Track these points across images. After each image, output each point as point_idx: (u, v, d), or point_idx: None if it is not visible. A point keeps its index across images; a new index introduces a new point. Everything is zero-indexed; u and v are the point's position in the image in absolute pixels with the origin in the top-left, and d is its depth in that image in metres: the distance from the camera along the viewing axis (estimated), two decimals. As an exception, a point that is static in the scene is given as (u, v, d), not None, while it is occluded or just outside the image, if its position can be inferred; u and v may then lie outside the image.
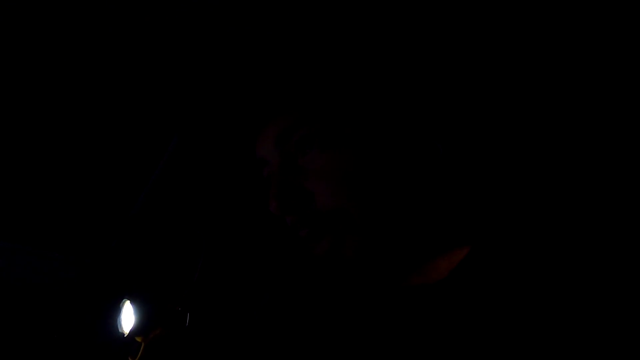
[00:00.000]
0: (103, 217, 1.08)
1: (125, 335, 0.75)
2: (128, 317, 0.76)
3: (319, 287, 0.58)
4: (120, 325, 0.76)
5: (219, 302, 0.96)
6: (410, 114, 0.49)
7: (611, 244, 0.42)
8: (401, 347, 0.43)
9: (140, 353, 0.75)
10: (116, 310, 0.77)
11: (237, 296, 0.96)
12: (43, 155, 1.09)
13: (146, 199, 1.04)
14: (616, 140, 0.76)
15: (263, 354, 0.55)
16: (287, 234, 0.51)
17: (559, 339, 0.36)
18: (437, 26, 0.67)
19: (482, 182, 0.53)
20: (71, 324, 0.87)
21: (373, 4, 0.65)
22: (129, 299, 0.78)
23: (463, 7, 0.65)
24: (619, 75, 0.72)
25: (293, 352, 0.51)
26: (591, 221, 0.70)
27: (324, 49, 0.72)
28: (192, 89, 0.93)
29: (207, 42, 0.79)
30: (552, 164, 0.76)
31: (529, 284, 0.40)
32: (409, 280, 0.49)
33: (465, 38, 0.68)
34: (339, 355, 0.47)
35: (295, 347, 0.52)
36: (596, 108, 0.76)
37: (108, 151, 1.10)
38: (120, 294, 0.80)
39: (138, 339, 0.76)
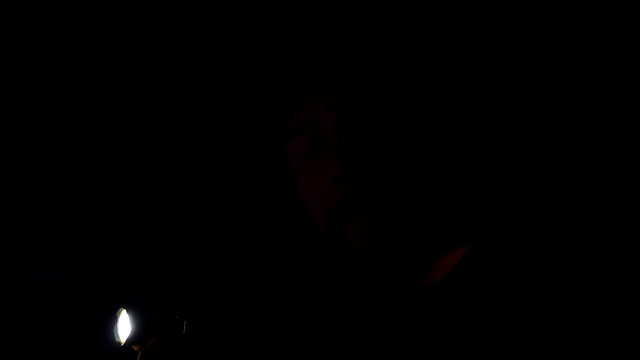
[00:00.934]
0: (100, 225, 1.08)
1: (121, 344, 0.75)
2: (124, 326, 0.76)
3: (327, 284, 0.57)
4: (117, 334, 0.76)
5: (216, 309, 0.96)
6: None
7: (611, 243, 0.42)
8: (403, 347, 0.42)
9: (137, 362, 0.75)
10: (113, 319, 0.77)
11: (235, 302, 0.95)
12: (40, 165, 1.09)
13: (144, 207, 1.03)
14: (615, 138, 0.76)
15: (262, 355, 0.55)
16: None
17: (558, 338, 0.35)
18: (431, 24, 0.67)
19: (479, 179, 0.53)
20: (68, 332, 0.87)
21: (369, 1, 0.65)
22: (125, 308, 0.77)
23: (457, 4, 0.65)
24: (610, 69, 0.71)
25: (296, 352, 0.51)
26: (591, 220, 0.69)
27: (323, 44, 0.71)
28: (190, 92, 0.93)
29: (203, 43, 0.79)
30: (552, 163, 0.75)
31: (529, 284, 0.40)
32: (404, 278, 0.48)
33: (459, 35, 0.68)
34: (342, 354, 0.46)
35: (298, 346, 0.51)
36: (595, 106, 0.75)
37: (105, 160, 1.10)
38: (116, 302, 0.80)
39: (135, 348, 0.76)
